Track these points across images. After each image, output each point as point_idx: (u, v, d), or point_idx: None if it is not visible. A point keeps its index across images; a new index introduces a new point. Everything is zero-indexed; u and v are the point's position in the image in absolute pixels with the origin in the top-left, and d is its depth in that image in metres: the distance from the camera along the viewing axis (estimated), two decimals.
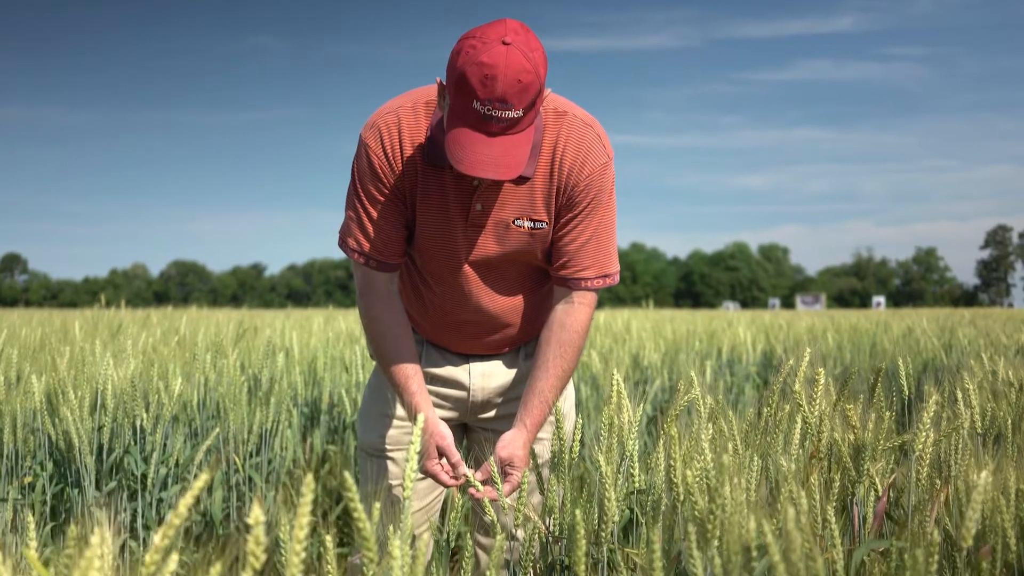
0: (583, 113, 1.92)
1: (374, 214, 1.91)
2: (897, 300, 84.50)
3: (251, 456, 3.45)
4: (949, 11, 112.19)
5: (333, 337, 5.37)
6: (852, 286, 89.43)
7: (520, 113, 1.68)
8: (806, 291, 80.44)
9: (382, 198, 1.90)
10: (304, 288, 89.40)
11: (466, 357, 2.12)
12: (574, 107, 1.92)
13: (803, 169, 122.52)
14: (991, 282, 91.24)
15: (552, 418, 1.95)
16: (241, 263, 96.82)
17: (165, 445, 3.15)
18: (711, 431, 1.70)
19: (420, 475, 2.09)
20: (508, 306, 2.04)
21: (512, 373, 2.13)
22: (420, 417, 1.30)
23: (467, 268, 1.97)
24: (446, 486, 1.92)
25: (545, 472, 2.08)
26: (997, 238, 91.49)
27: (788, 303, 71.52)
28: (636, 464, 1.67)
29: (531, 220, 1.91)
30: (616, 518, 1.57)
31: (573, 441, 1.78)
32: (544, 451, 2.10)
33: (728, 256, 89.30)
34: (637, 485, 1.68)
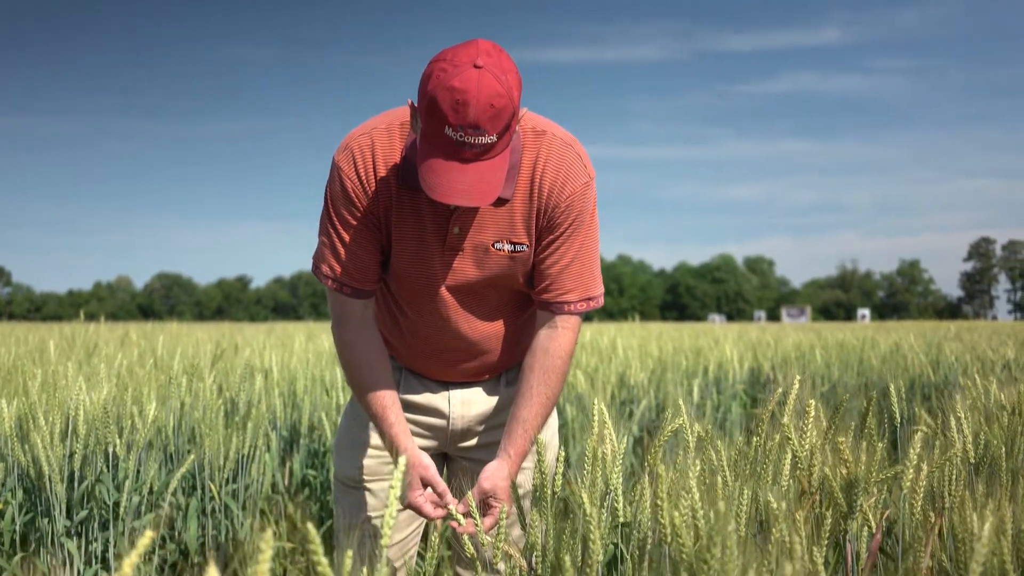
0: (563, 132, 1.87)
1: (348, 239, 1.85)
2: (882, 312, 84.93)
3: (228, 482, 3.37)
4: (933, 24, 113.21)
5: (314, 357, 5.30)
6: (837, 298, 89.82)
7: (494, 138, 1.62)
8: (791, 303, 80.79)
9: (356, 223, 1.84)
10: (290, 301, 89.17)
11: (445, 384, 2.06)
12: (554, 126, 1.87)
13: (788, 181, 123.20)
14: (975, 294, 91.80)
15: (534, 448, 1.89)
16: (227, 275, 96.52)
17: (139, 472, 3.07)
18: (699, 466, 1.65)
19: (399, 507, 2.03)
20: (488, 332, 1.98)
21: (493, 400, 2.07)
22: (402, 460, 1.23)
23: (445, 293, 1.91)
24: (431, 519, 1.85)
25: (526, 504, 2.02)
26: (980, 250, 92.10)
27: (773, 315, 71.86)
28: (620, 498, 1.62)
29: (511, 243, 1.85)
30: (600, 557, 1.51)
31: (555, 472, 1.72)
32: (526, 481, 2.04)
33: (714, 268, 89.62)
34: (622, 519, 1.62)
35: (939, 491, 1.77)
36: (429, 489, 1.87)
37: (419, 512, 1.86)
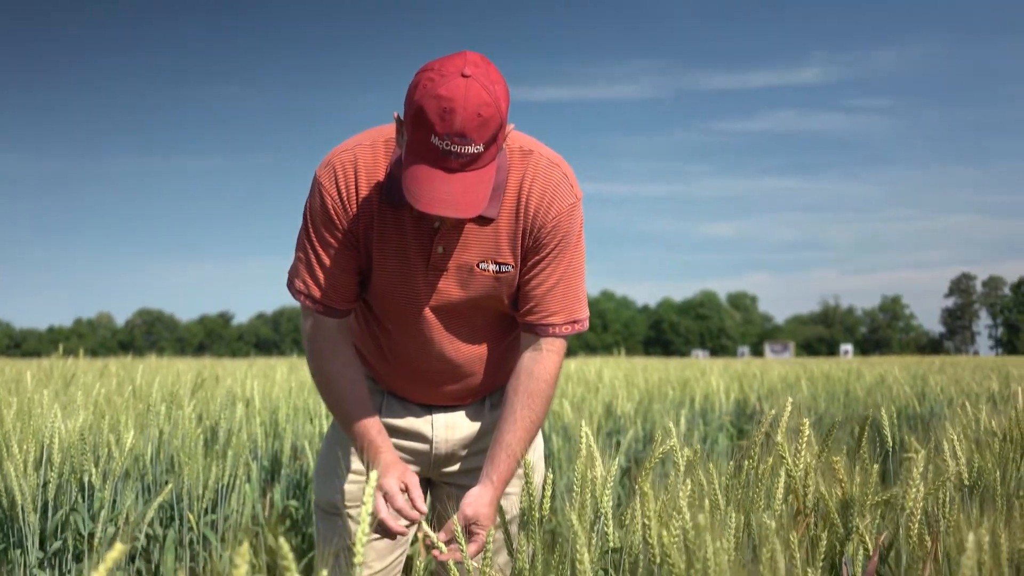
0: (550, 152, 1.85)
1: (325, 258, 1.82)
2: (864, 348, 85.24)
3: (206, 512, 3.30)
4: (912, 64, 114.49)
5: (297, 386, 5.23)
6: (820, 334, 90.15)
7: (480, 148, 1.60)
8: (775, 339, 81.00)
9: (334, 241, 1.81)
10: (273, 337, 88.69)
11: (428, 408, 2.02)
12: (540, 146, 1.85)
13: (769, 218, 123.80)
14: (956, 330, 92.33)
15: (520, 471, 1.85)
16: (209, 312, 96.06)
17: (115, 502, 3.00)
18: (689, 486, 1.61)
19: (377, 534, 1.98)
20: (473, 354, 1.94)
21: (477, 424, 2.04)
22: (373, 475, 1.18)
23: (428, 314, 1.87)
24: (388, 526, 1.77)
25: (513, 529, 1.97)
26: (961, 286, 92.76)
27: (757, 351, 72.07)
28: (611, 522, 1.58)
29: (496, 263, 1.82)
30: None
31: (543, 495, 1.68)
32: (512, 507, 1.99)
33: (697, 304, 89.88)
34: (612, 544, 1.58)
35: (935, 515, 1.74)
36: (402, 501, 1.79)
37: (383, 523, 1.78)
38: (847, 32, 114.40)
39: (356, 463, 2.01)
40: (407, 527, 2.04)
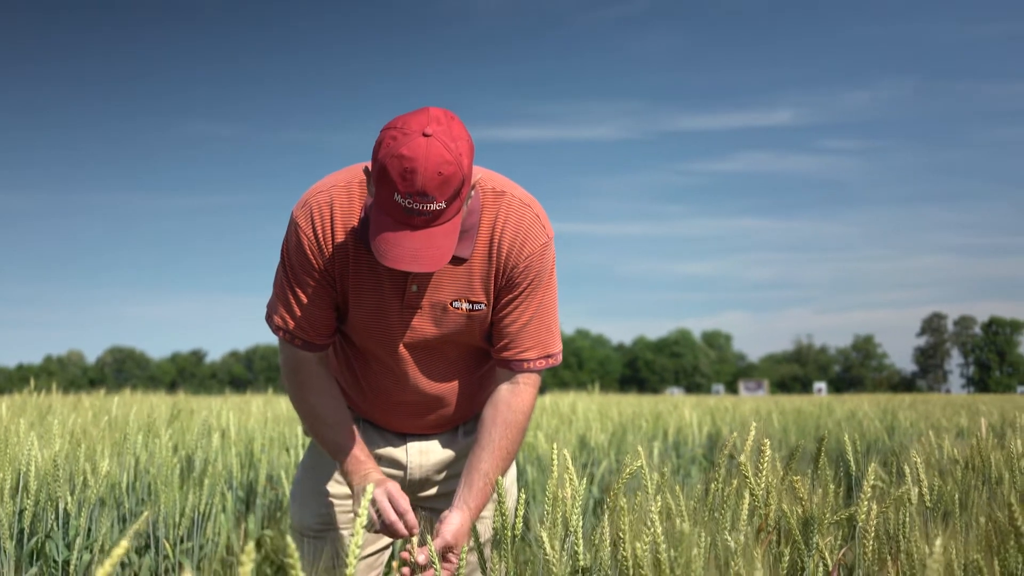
0: (522, 192, 1.90)
1: (301, 295, 1.87)
2: (838, 386, 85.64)
3: (182, 541, 3.31)
4: (883, 106, 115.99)
5: (272, 418, 5.23)
6: (794, 372, 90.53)
7: (443, 205, 1.64)
8: (749, 377, 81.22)
9: (310, 279, 1.86)
10: (246, 375, 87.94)
11: (403, 436, 2.07)
12: (513, 186, 1.90)
13: (744, 257, 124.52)
14: (928, 368, 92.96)
15: (493, 494, 1.89)
16: (181, 349, 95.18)
17: (90, 529, 3.00)
18: (659, 503, 1.66)
19: (364, 553, 2.02)
20: (447, 387, 1.99)
21: (451, 450, 2.08)
22: (369, 488, 1.22)
23: (403, 350, 1.92)
24: (392, 523, 1.81)
25: (486, 551, 2.01)
26: (933, 325, 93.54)
27: (732, 389, 72.25)
28: (581, 541, 1.62)
29: (469, 302, 1.87)
30: None
31: (515, 517, 1.72)
32: (485, 530, 2.03)
33: (672, 343, 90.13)
34: (582, 563, 1.62)
35: (894, 535, 1.79)
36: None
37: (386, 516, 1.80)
38: (818, 74, 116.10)
39: (334, 488, 2.05)
40: (385, 548, 2.09)
